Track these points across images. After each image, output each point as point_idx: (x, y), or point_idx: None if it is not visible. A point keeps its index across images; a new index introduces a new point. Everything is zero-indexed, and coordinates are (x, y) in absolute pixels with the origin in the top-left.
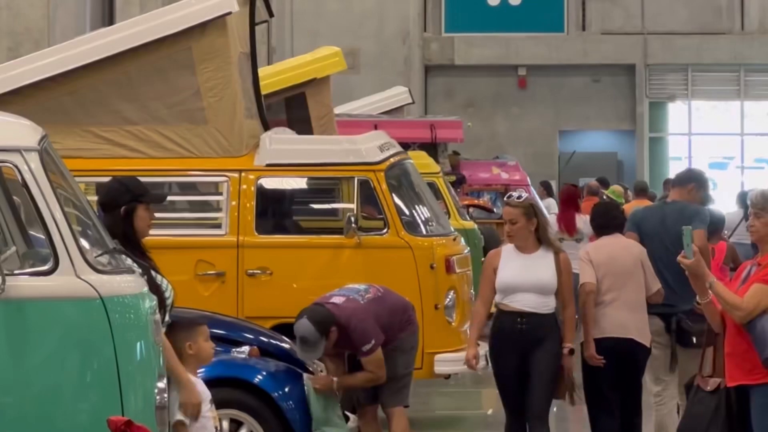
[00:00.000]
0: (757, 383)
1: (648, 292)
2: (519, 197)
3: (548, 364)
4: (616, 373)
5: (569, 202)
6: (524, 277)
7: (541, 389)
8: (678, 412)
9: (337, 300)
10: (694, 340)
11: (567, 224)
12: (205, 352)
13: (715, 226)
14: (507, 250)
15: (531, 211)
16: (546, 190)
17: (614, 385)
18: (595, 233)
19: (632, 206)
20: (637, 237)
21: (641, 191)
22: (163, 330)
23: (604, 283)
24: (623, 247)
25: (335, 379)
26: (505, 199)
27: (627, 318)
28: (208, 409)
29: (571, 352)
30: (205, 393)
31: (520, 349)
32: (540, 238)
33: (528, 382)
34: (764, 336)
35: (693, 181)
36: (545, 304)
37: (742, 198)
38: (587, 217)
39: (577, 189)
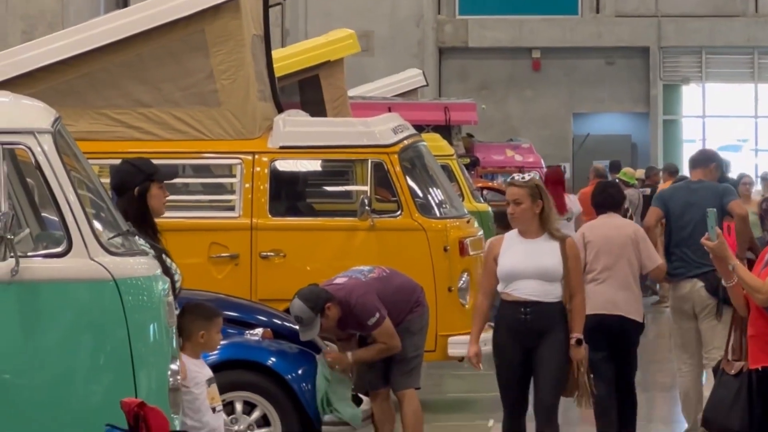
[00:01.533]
0: None
1: (645, 270)
2: (523, 177)
3: (555, 356)
4: (609, 347)
5: (557, 183)
6: (526, 263)
7: (549, 383)
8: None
9: (340, 281)
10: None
11: (557, 204)
12: (214, 343)
13: None
14: (509, 236)
15: (536, 192)
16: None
17: (608, 358)
18: (595, 211)
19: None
20: (660, 213)
21: (674, 173)
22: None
23: (599, 261)
24: (616, 227)
25: (349, 353)
26: (509, 179)
27: (616, 295)
28: (203, 390)
29: (579, 342)
30: (201, 374)
31: (525, 341)
32: (543, 223)
33: (534, 377)
34: None
35: (714, 161)
36: (550, 292)
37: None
38: (575, 197)
39: (561, 170)
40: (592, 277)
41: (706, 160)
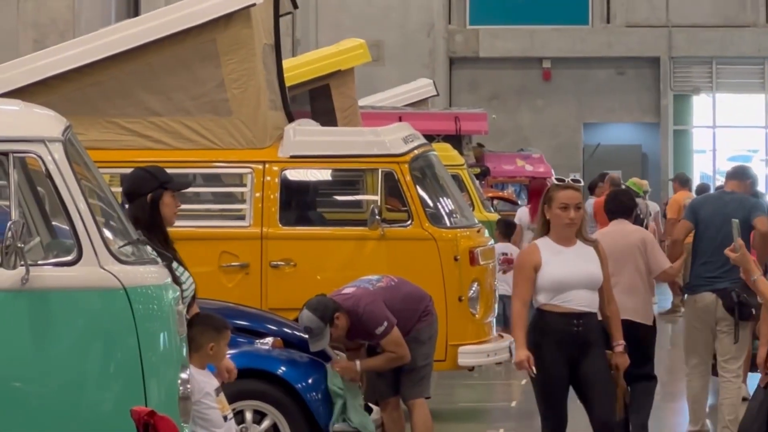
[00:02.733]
0: None
1: (652, 274)
2: (575, 179)
3: (606, 370)
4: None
5: (540, 194)
6: (576, 272)
7: (608, 400)
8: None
9: (348, 291)
10: (753, 311)
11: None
12: (221, 356)
13: None
14: (544, 245)
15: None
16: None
17: None
18: (607, 218)
19: (680, 198)
20: (690, 226)
21: (685, 182)
22: None
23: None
24: (624, 234)
25: (358, 362)
26: (555, 180)
27: (624, 300)
28: (212, 400)
29: (626, 349)
30: (208, 384)
31: (572, 355)
32: (579, 229)
33: (587, 393)
34: None
35: (750, 178)
36: (595, 301)
37: None
38: None
39: (545, 182)
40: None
41: (743, 174)
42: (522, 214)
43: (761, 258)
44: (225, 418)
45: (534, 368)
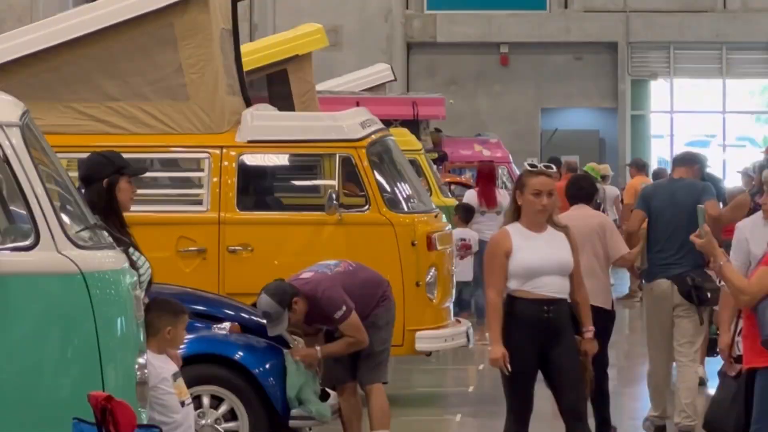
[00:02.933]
0: (762, 366)
1: (610, 259)
2: (547, 165)
3: (575, 357)
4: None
5: (489, 178)
6: (547, 258)
7: (576, 387)
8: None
9: (306, 275)
10: (709, 295)
11: (487, 198)
12: (179, 340)
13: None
14: (514, 230)
15: None
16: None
17: None
18: (568, 203)
19: (636, 183)
20: (643, 215)
21: (641, 167)
22: None
23: None
24: (584, 218)
25: (318, 348)
26: (528, 165)
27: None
28: (169, 385)
29: (595, 335)
30: (166, 369)
31: (543, 342)
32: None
33: (556, 381)
34: (764, 317)
35: (698, 163)
36: (565, 288)
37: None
38: (505, 191)
39: (493, 165)
40: None
41: (691, 160)
42: (470, 197)
43: None
44: (183, 404)
45: (509, 366)
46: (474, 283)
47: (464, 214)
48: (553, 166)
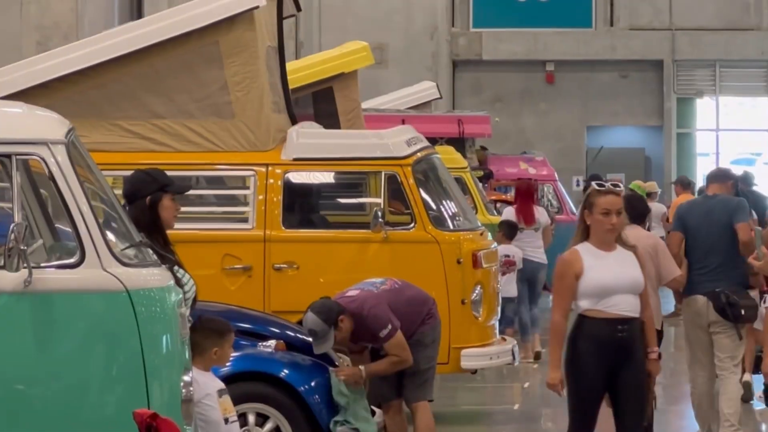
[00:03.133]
0: None
1: (662, 281)
2: (614, 184)
3: (641, 378)
4: None
5: (527, 195)
6: (619, 277)
7: (640, 407)
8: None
9: (352, 293)
10: (743, 312)
11: (525, 215)
12: (225, 359)
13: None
14: (584, 250)
15: None
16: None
17: None
18: None
19: (682, 201)
20: (681, 236)
21: (687, 185)
22: None
23: None
24: (637, 238)
25: (362, 367)
26: (595, 185)
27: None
28: (213, 401)
29: (660, 356)
30: (211, 385)
31: (612, 361)
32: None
33: (621, 399)
34: None
35: (731, 179)
36: (638, 306)
37: None
38: (543, 209)
39: (532, 182)
40: None
41: (724, 176)
42: (509, 214)
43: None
44: (227, 420)
45: (564, 392)
46: (518, 300)
47: (508, 231)
48: (620, 185)
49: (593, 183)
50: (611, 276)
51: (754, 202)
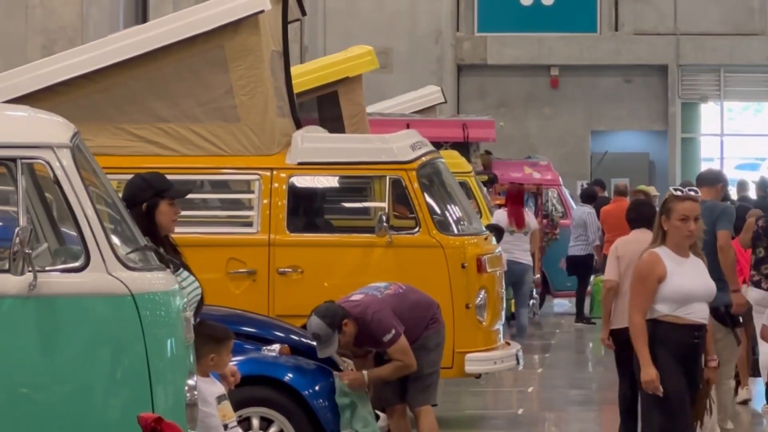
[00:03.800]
0: None
1: None
2: (692, 189)
3: (698, 385)
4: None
5: (517, 199)
6: (699, 284)
7: (692, 416)
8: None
9: (356, 298)
10: (741, 319)
11: (517, 219)
12: (223, 365)
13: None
14: (665, 254)
15: None
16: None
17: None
18: (629, 227)
19: None
20: None
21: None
22: None
23: (628, 275)
24: (646, 242)
25: (365, 372)
26: (673, 191)
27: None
28: (211, 407)
29: (719, 364)
30: (210, 391)
31: (686, 367)
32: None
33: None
34: None
35: (720, 181)
36: (708, 314)
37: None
38: (532, 213)
39: (523, 187)
40: (624, 290)
41: (713, 179)
42: (500, 217)
43: (726, 272)
44: (226, 427)
45: (661, 388)
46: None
47: (495, 235)
48: (698, 190)
49: (671, 188)
50: (692, 283)
51: None
